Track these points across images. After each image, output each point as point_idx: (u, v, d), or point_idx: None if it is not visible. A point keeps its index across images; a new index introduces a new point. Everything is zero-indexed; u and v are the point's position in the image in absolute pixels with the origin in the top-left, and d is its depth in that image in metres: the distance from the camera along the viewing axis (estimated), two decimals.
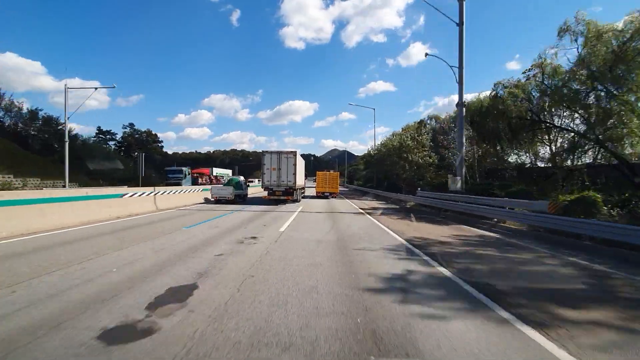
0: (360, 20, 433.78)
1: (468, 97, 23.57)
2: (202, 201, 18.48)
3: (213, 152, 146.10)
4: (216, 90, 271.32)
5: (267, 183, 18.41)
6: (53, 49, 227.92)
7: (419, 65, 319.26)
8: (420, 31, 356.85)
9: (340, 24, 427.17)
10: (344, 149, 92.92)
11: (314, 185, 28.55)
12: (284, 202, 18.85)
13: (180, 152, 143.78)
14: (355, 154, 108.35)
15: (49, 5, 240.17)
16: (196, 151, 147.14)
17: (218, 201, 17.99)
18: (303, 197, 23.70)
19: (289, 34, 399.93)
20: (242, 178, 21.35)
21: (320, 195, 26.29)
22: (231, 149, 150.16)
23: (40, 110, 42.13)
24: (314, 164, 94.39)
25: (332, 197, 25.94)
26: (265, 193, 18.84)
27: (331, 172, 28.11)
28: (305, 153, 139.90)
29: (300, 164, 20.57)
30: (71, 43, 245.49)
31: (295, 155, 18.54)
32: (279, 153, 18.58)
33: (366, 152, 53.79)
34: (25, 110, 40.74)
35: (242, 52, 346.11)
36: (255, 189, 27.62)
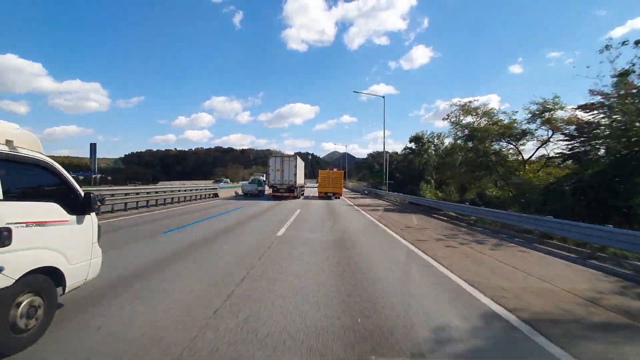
0: (363, 22, 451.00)
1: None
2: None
3: (195, 149, 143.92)
4: (217, 93, 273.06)
5: (272, 182, 21.85)
6: (54, 50, 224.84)
7: (420, 69, 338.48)
8: (423, 33, 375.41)
9: (343, 26, 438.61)
10: (345, 152, 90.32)
11: (316, 185, 27.52)
12: (286, 198, 21.45)
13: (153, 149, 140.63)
14: (356, 157, 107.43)
15: (50, 6, 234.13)
16: (175, 149, 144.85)
17: (245, 195, 24.17)
18: (304, 198, 24.73)
19: (291, 36, 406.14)
20: (262, 178, 27.48)
21: (322, 196, 24.54)
22: (215, 147, 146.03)
23: None
24: (312, 163, 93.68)
25: (336, 198, 24.37)
26: (270, 190, 22.29)
27: (334, 170, 27.00)
28: (303, 152, 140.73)
29: (300, 165, 23.88)
30: (72, 44, 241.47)
31: (295, 158, 22.29)
32: (282, 156, 22.69)
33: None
34: None
35: (244, 54, 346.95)
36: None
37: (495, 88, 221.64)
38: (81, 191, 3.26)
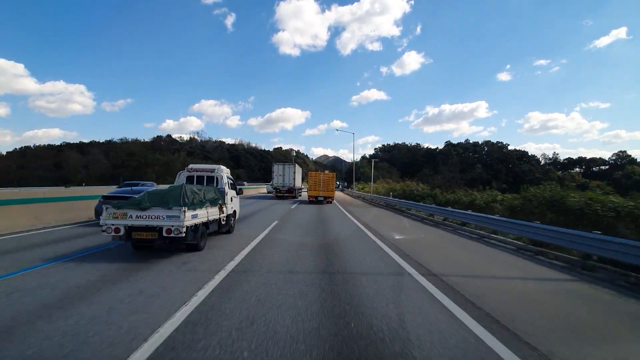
0: (357, 27, 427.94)
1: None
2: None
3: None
4: (207, 96, 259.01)
5: (275, 184, 27.46)
6: (37, 50, 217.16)
7: (411, 74, 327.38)
8: (415, 39, 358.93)
9: (336, 31, 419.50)
10: (335, 156, 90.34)
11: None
12: (287, 198, 27.25)
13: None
14: (348, 161, 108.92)
15: (35, 4, 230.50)
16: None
17: (268, 193, 34.04)
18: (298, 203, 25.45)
19: (284, 40, 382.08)
20: None
21: (313, 201, 22.94)
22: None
23: None
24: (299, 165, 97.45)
25: (327, 202, 23.04)
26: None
27: (326, 172, 24.92)
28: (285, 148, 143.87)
29: (298, 171, 29.96)
30: (57, 44, 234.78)
31: (294, 165, 28.37)
32: (283, 163, 28.79)
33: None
34: None
35: (235, 57, 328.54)
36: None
37: (484, 95, 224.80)
38: (237, 186, 9.89)
